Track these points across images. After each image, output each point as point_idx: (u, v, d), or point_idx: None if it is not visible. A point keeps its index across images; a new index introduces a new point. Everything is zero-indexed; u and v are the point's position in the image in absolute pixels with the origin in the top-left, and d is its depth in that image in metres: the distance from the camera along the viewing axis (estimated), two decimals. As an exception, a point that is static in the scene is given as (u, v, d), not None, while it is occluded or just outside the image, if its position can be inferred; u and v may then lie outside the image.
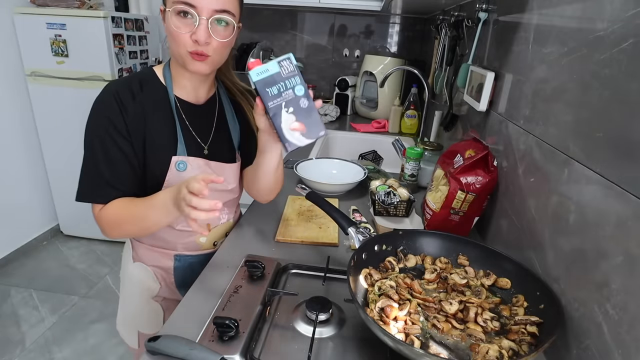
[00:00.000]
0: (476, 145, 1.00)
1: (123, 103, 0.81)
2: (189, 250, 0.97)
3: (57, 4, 2.32)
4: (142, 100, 0.84)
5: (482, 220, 1.00)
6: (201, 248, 0.98)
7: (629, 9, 0.52)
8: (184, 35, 0.76)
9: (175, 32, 0.76)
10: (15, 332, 1.95)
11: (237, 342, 0.62)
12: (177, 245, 0.95)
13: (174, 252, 0.96)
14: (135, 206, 0.82)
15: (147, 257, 0.97)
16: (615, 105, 0.54)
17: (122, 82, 0.85)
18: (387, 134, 2.15)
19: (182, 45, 0.78)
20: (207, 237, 0.98)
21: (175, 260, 0.96)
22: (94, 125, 0.82)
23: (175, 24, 0.76)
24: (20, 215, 2.53)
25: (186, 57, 0.79)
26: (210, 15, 0.76)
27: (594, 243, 0.55)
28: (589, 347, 0.55)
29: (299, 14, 2.73)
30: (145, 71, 0.89)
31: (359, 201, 1.25)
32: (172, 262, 0.96)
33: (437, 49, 1.84)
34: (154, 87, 0.86)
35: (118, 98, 0.81)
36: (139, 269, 0.98)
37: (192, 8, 0.74)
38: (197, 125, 0.91)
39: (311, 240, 0.98)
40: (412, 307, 0.65)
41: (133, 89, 0.83)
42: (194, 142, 0.90)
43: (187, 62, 0.80)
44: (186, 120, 0.89)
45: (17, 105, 2.45)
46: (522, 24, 0.90)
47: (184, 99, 0.89)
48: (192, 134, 0.90)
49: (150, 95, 0.85)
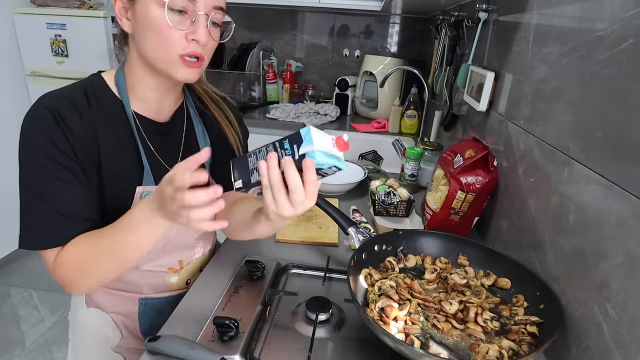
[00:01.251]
0: (476, 145, 1.00)
1: (65, 122, 0.63)
2: (157, 292, 0.82)
3: (57, 4, 2.32)
4: (91, 117, 0.66)
5: (482, 220, 1.00)
6: (171, 289, 0.83)
7: (629, 9, 0.52)
8: (176, 34, 0.62)
9: (167, 29, 0.61)
10: (15, 332, 1.95)
11: (237, 342, 0.62)
12: (142, 288, 0.80)
13: (139, 296, 0.80)
14: (105, 236, 0.64)
15: (105, 302, 0.81)
16: (615, 105, 0.54)
17: (59, 95, 0.66)
18: (387, 134, 2.15)
19: (172, 47, 0.63)
20: (179, 276, 0.83)
21: (141, 304, 0.81)
22: (27, 151, 0.65)
23: (165, 20, 0.61)
24: (20, 215, 2.53)
25: (176, 62, 0.64)
26: (209, 11, 0.64)
27: (594, 243, 0.55)
28: (589, 347, 0.55)
29: (299, 14, 2.73)
30: (91, 79, 0.71)
31: (359, 201, 1.25)
32: (136, 307, 0.81)
33: (437, 49, 1.84)
34: (105, 100, 0.69)
35: (57, 116, 0.63)
36: (94, 315, 0.81)
37: (192, 3, 0.62)
38: (162, 148, 0.75)
39: (311, 240, 0.98)
40: (412, 307, 0.65)
41: (77, 103, 0.66)
42: (160, 168, 0.73)
43: (176, 69, 0.65)
44: (148, 142, 0.73)
45: (17, 105, 2.45)
46: (522, 24, 0.90)
47: (144, 115, 0.73)
48: (157, 158, 0.74)
49: (101, 111, 0.68)
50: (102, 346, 0.82)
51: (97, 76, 0.72)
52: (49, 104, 0.64)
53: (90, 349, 0.83)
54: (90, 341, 0.83)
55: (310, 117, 2.31)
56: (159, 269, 0.80)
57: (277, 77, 2.69)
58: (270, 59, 2.67)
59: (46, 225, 0.65)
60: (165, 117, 0.77)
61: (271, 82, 2.67)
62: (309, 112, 2.37)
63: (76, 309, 0.84)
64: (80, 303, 0.83)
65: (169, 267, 0.81)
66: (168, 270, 0.81)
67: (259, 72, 2.64)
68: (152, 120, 0.74)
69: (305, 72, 2.85)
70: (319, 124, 2.25)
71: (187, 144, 0.79)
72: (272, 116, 2.30)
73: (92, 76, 0.73)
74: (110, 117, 0.69)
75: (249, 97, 2.72)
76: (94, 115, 0.67)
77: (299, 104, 2.46)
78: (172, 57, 0.64)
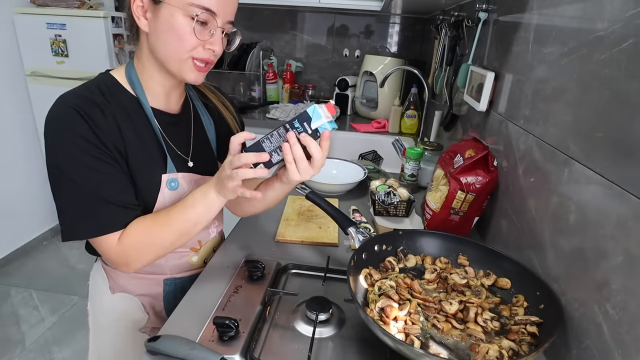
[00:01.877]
0: (476, 145, 1.00)
1: (90, 117, 0.67)
2: (180, 272, 0.89)
3: (57, 4, 2.33)
4: (112, 112, 0.71)
5: (482, 220, 1.00)
6: (192, 267, 0.90)
7: (629, 9, 0.52)
8: (196, 41, 0.68)
9: (190, 36, 0.67)
10: (15, 332, 1.95)
11: (237, 342, 0.62)
12: (166, 269, 0.86)
13: (164, 277, 0.87)
14: (163, 216, 0.71)
15: (132, 286, 0.86)
16: (615, 105, 0.54)
17: (77, 94, 0.70)
18: (387, 134, 2.15)
19: (188, 50, 0.69)
20: (199, 255, 0.90)
21: (165, 284, 0.87)
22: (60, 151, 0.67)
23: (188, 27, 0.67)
24: (20, 215, 2.53)
25: (186, 63, 0.70)
26: (225, 25, 0.71)
27: (594, 243, 0.55)
28: (589, 347, 0.55)
29: (298, 14, 2.73)
30: (101, 78, 0.75)
31: (359, 201, 1.25)
32: (161, 288, 0.87)
33: (437, 49, 1.84)
34: (120, 96, 0.74)
35: (82, 112, 0.67)
36: (120, 300, 0.87)
37: (213, 16, 0.68)
38: (175, 137, 0.81)
39: (311, 240, 0.98)
40: (412, 307, 0.65)
41: (96, 100, 0.70)
42: (177, 156, 0.81)
43: (186, 70, 0.71)
44: (164, 133, 0.79)
45: (17, 105, 2.45)
46: (522, 24, 0.90)
47: (157, 108, 0.78)
48: (172, 147, 0.80)
49: (118, 107, 0.72)
50: (128, 329, 0.88)
51: (107, 74, 0.76)
52: (70, 102, 0.68)
53: (115, 332, 0.88)
54: (116, 325, 0.88)
55: (310, 117, 2.30)
56: (182, 249, 0.86)
57: (277, 77, 2.69)
58: (270, 59, 2.67)
59: (101, 214, 0.69)
60: (175, 109, 0.83)
61: (271, 82, 2.67)
62: (309, 112, 2.37)
63: (99, 297, 0.88)
64: (104, 291, 0.87)
65: (190, 247, 0.88)
66: (190, 250, 0.89)
67: (259, 72, 2.64)
68: (166, 112, 0.80)
69: (305, 72, 2.85)
70: (319, 124, 2.25)
71: (196, 132, 0.86)
72: (272, 116, 2.30)
73: (102, 75, 0.76)
74: (128, 112, 0.74)
75: (249, 97, 2.72)
76: (114, 110, 0.71)
77: (299, 104, 2.46)
78: (184, 58, 0.70)
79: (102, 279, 0.88)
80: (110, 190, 0.69)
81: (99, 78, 0.75)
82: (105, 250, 0.72)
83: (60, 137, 0.67)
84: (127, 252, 0.71)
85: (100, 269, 0.89)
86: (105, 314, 0.89)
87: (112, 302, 0.87)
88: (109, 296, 0.87)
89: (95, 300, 0.90)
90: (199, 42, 0.69)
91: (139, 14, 0.70)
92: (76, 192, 0.68)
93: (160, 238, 0.72)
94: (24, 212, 2.57)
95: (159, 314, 0.91)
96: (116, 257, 0.72)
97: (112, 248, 0.71)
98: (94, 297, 0.91)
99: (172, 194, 0.78)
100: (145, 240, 0.71)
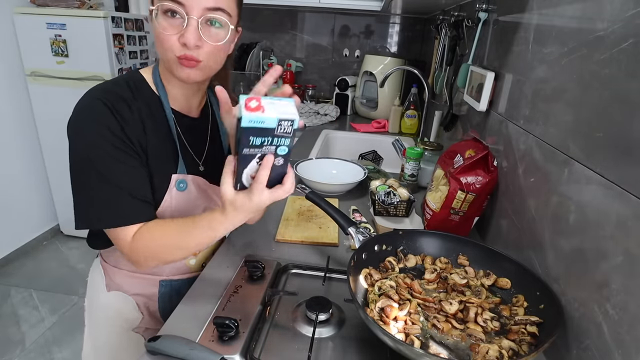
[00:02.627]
0: (476, 145, 1.00)
1: (119, 112, 0.69)
2: (176, 274, 0.89)
3: (57, 4, 2.33)
4: (138, 108, 0.72)
5: (482, 220, 1.00)
6: (189, 270, 0.90)
7: (629, 9, 0.52)
8: (171, 38, 0.67)
9: (161, 34, 0.67)
10: (15, 332, 1.95)
11: (237, 342, 0.62)
12: (164, 270, 0.87)
13: (160, 278, 0.87)
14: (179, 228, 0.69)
15: (127, 285, 0.87)
16: (615, 105, 0.54)
17: (106, 88, 0.71)
18: (387, 134, 2.15)
19: (169, 50, 0.68)
20: (197, 258, 0.90)
21: (161, 286, 0.88)
22: (86, 141, 0.67)
23: (161, 25, 0.66)
24: (20, 215, 2.53)
25: (174, 62, 0.69)
26: (201, 14, 0.66)
27: (594, 243, 0.55)
28: (589, 347, 0.55)
29: (299, 14, 2.73)
30: (131, 75, 0.77)
31: (359, 201, 1.25)
32: (156, 289, 0.88)
33: (437, 49, 1.84)
34: (145, 94, 0.75)
35: (111, 106, 0.68)
36: (115, 298, 0.87)
37: (179, 6, 0.65)
38: (191, 139, 0.82)
39: (311, 240, 0.98)
40: (412, 307, 0.65)
41: (124, 95, 0.71)
42: (190, 158, 0.82)
43: (175, 69, 0.70)
44: (182, 135, 0.80)
45: (17, 105, 2.45)
46: (522, 24, 0.90)
47: (178, 110, 0.80)
48: (188, 149, 0.82)
49: (143, 104, 0.74)
50: (122, 327, 0.88)
51: (136, 72, 0.78)
52: (100, 95, 0.69)
53: (110, 331, 0.89)
54: (111, 323, 0.88)
55: (310, 117, 2.31)
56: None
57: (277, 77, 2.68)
58: (271, 59, 2.68)
59: (122, 206, 0.69)
60: (195, 114, 0.84)
61: (271, 82, 2.67)
62: (309, 112, 2.37)
63: (96, 294, 0.89)
64: (100, 288, 0.88)
65: None
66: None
67: (259, 72, 2.64)
68: (185, 115, 0.81)
69: (305, 72, 2.85)
70: (319, 123, 2.25)
71: (212, 137, 0.88)
72: (272, 116, 2.29)
73: (131, 72, 0.78)
74: (151, 110, 0.75)
75: (249, 97, 2.72)
76: (139, 107, 0.73)
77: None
78: (170, 58, 0.69)
79: (100, 275, 0.89)
80: (133, 183, 0.70)
81: (128, 74, 0.77)
82: (121, 243, 0.71)
83: (87, 128, 0.68)
84: (139, 250, 0.70)
85: (99, 265, 0.89)
86: (100, 310, 0.89)
87: (107, 300, 0.88)
88: (105, 293, 0.88)
89: (92, 297, 0.91)
90: (173, 37, 0.66)
91: (150, 20, 0.71)
92: (99, 181, 0.68)
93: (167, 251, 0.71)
94: (24, 212, 2.57)
95: (153, 314, 0.91)
96: (129, 253, 0.71)
97: (127, 243, 0.70)
98: (91, 293, 0.92)
99: (180, 195, 0.79)
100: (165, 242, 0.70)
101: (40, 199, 2.67)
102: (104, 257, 0.89)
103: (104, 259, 0.89)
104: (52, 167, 2.61)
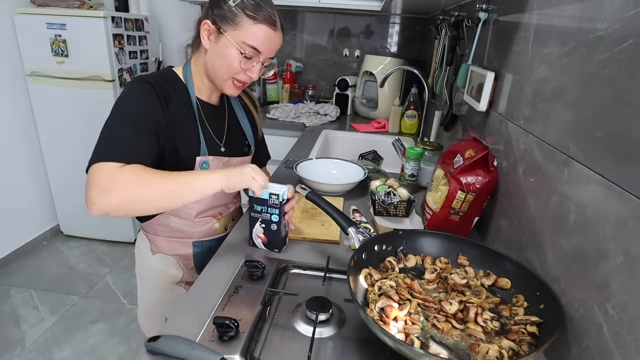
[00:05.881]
0: (476, 145, 1.00)
1: (165, 98, 0.86)
2: (205, 236, 1.06)
3: (57, 4, 2.32)
4: (175, 98, 0.89)
5: (482, 220, 1.00)
6: (215, 233, 1.07)
7: (629, 9, 0.52)
8: (238, 67, 0.87)
9: (233, 61, 0.86)
10: (15, 332, 1.95)
11: (237, 342, 0.62)
12: (194, 234, 1.04)
13: (192, 240, 1.04)
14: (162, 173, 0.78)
15: (167, 248, 1.04)
16: (615, 105, 0.54)
17: (154, 76, 0.88)
18: (387, 134, 2.15)
19: (230, 71, 0.88)
20: (220, 223, 1.08)
21: (194, 246, 1.05)
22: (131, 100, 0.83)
23: (235, 57, 0.86)
24: (20, 215, 2.53)
25: (228, 80, 0.90)
26: (265, 61, 0.90)
27: (594, 243, 0.55)
28: (589, 347, 0.55)
29: (299, 14, 2.73)
30: (166, 70, 0.95)
31: (359, 201, 1.25)
32: (191, 249, 1.05)
33: (437, 49, 1.84)
34: (178, 87, 0.92)
35: (160, 91, 0.85)
36: (159, 260, 1.04)
37: (258, 54, 0.87)
38: (213, 124, 0.99)
39: (313, 237, 0.99)
40: (412, 307, 0.65)
41: (166, 86, 0.88)
42: (212, 141, 0.98)
43: (226, 85, 0.91)
44: (205, 120, 0.97)
45: (17, 105, 2.45)
46: (522, 24, 0.90)
47: (201, 98, 0.97)
48: (210, 133, 0.98)
49: (177, 94, 0.91)
50: (167, 283, 1.07)
51: (170, 70, 0.96)
52: (150, 80, 0.86)
53: (158, 286, 1.07)
54: (159, 280, 1.06)
55: (310, 117, 2.31)
56: (206, 219, 1.04)
57: (277, 77, 2.69)
58: (271, 59, 2.67)
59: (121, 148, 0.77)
60: (217, 102, 1.03)
61: (271, 82, 2.67)
62: (309, 112, 2.37)
63: (143, 258, 1.07)
64: (147, 253, 1.06)
65: (213, 215, 1.06)
66: (213, 218, 1.06)
67: (259, 72, 2.64)
68: (208, 102, 0.99)
69: (305, 72, 2.85)
70: (319, 123, 2.25)
71: (230, 122, 1.06)
72: (272, 116, 2.30)
73: (166, 69, 0.97)
74: (183, 99, 0.92)
75: (249, 97, 2.72)
76: (176, 97, 0.90)
77: (299, 104, 2.46)
78: (226, 76, 0.90)
79: (145, 243, 1.05)
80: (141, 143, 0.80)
81: (164, 70, 0.96)
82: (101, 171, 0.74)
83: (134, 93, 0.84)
84: (116, 180, 0.73)
85: (143, 235, 1.07)
86: (148, 271, 1.07)
87: (153, 262, 1.05)
88: (151, 257, 1.05)
89: (141, 262, 1.09)
90: (241, 70, 0.89)
91: (205, 35, 0.88)
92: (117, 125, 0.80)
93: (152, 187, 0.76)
94: (24, 212, 2.57)
95: (191, 270, 1.08)
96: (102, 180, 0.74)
97: (108, 171, 0.74)
98: (139, 260, 1.09)
99: None
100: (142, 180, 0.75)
101: (40, 199, 2.67)
102: (144, 228, 1.05)
103: (144, 229, 1.06)
104: (52, 167, 2.61)
